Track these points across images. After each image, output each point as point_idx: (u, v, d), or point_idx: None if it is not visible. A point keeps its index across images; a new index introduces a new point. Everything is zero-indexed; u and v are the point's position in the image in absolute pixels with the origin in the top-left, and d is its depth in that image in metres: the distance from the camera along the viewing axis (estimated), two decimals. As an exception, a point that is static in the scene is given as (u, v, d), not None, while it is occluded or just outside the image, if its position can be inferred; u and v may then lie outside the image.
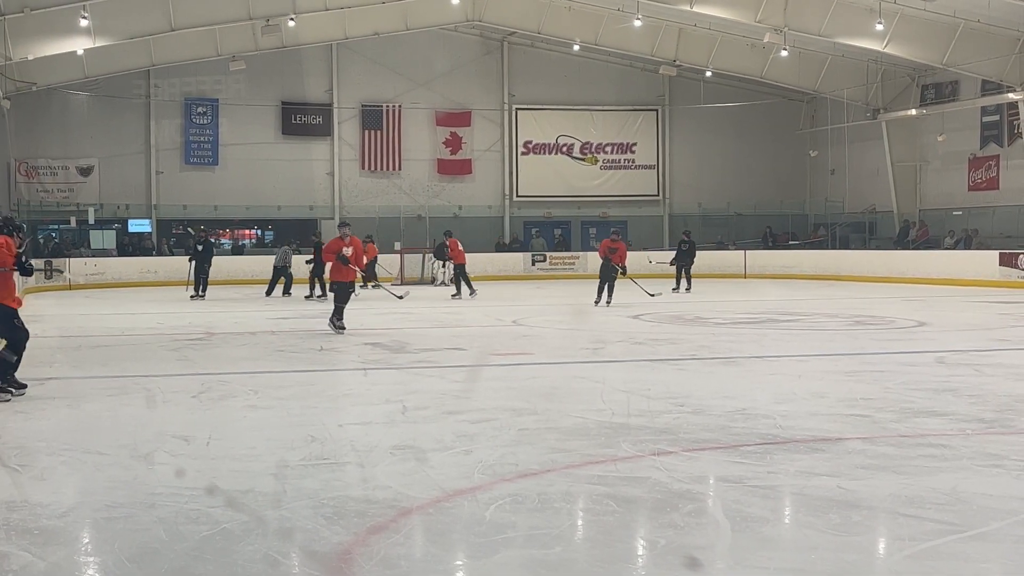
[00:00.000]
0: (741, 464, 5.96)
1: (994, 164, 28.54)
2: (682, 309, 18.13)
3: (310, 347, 12.91)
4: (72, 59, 27.10)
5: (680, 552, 4.41)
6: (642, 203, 34.80)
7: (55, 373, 10.49)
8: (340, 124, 32.78)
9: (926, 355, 11.51)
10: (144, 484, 5.65)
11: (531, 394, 8.55)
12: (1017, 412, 7.71)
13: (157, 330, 15.05)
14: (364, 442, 6.69)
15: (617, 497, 5.24)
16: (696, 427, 7.04)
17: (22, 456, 6.40)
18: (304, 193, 32.57)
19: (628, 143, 34.79)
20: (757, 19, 26.24)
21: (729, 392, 8.65)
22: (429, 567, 4.34)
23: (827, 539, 4.56)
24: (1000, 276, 24.40)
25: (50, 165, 30.67)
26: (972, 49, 25.81)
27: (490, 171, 34.13)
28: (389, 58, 32.57)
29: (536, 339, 13.79)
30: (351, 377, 10.18)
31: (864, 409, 7.73)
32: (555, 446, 6.47)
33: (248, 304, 20.69)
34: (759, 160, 34.82)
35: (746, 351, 12.08)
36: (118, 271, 28.49)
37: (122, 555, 4.41)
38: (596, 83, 34.11)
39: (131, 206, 31.30)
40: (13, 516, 5.00)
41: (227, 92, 31.56)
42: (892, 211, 31.43)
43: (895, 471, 5.75)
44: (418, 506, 5.11)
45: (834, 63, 30.60)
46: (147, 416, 7.90)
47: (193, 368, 11.01)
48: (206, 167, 31.94)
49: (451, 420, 7.42)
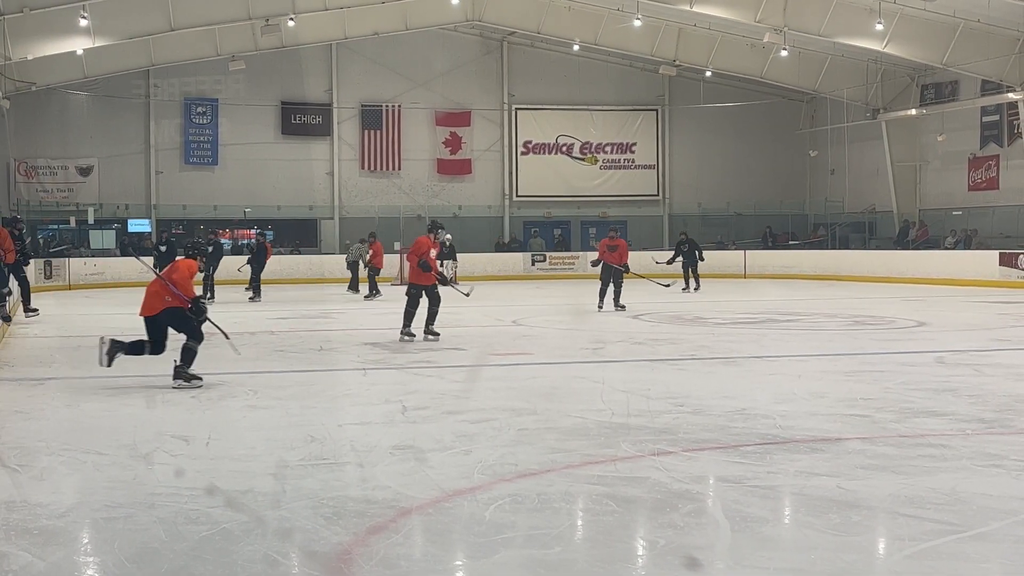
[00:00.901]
0: (741, 464, 5.95)
1: (994, 164, 28.54)
2: (682, 309, 18.11)
3: (310, 347, 12.91)
4: (72, 59, 27.10)
5: (680, 552, 4.41)
6: (642, 203, 34.79)
7: (55, 373, 10.50)
8: (340, 124, 32.77)
9: (926, 355, 11.51)
10: (144, 484, 5.64)
11: (531, 394, 8.55)
12: (1017, 412, 7.70)
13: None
14: (363, 442, 6.69)
15: (617, 497, 5.24)
16: (696, 427, 7.04)
17: (22, 456, 6.40)
18: (304, 193, 32.56)
19: (628, 143, 34.78)
20: (757, 19, 26.24)
21: (729, 392, 8.65)
22: (429, 567, 4.34)
23: (827, 539, 4.56)
24: (1000, 276, 24.40)
25: (50, 165, 30.66)
26: (972, 49, 25.80)
27: (490, 171, 34.13)
28: (389, 58, 32.57)
29: (536, 339, 13.78)
30: (350, 377, 10.17)
31: (864, 409, 7.73)
32: (555, 446, 6.46)
33: (248, 304, 20.68)
34: (759, 160, 34.81)
35: (746, 351, 12.07)
36: (118, 271, 28.46)
37: (122, 555, 4.41)
38: (596, 83, 34.11)
39: (131, 206, 31.30)
40: (13, 516, 5.00)
41: (227, 92, 31.55)
42: (892, 211, 31.42)
43: (895, 471, 5.75)
44: (418, 506, 5.11)
45: (834, 63, 30.59)
46: (147, 416, 7.90)
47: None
48: (206, 167, 31.94)
49: (451, 420, 7.42)
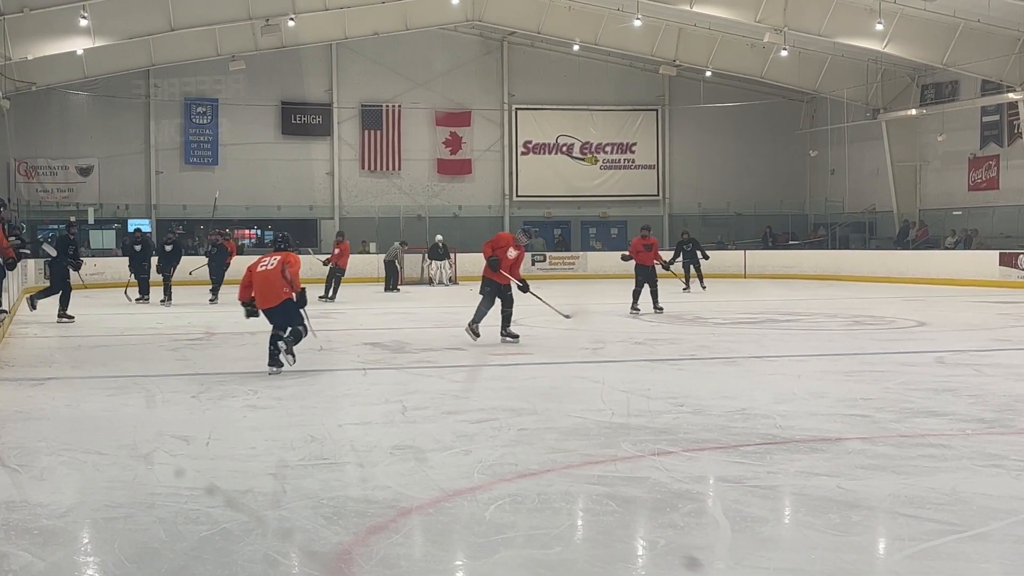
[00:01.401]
0: (741, 464, 5.95)
1: (994, 164, 28.55)
2: (682, 309, 18.09)
3: (310, 347, 12.88)
4: (72, 59, 27.11)
5: (680, 552, 4.41)
6: (642, 203, 34.78)
7: (55, 373, 10.50)
8: (340, 124, 32.78)
9: (926, 355, 11.50)
10: (144, 484, 5.64)
11: (531, 394, 8.54)
12: (1017, 412, 7.70)
13: (157, 330, 15.04)
14: (364, 442, 6.69)
15: (617, 497, 5.23)
16: (696, 427, 7.03)
17: (22, 456, 6.40)
18: (304, 193, 32.57)
19: (628, 143, 34.79)
20: (757, 19, 26.26)
21: (729, 392, 8.64)
22: (429, 567, 4.33)
23: (827, 539, 4.55)
24: (1000, 276, 24.41)
25: (50, 165, 30.67)
26: (972, 49, 25.82)
27: (490, 171, 34.13)
28: (389, 58, 32.58)
29: (536, 339, 13.77)
30: (350, 377, 10.17)
31: (864, 409, 7.73)
32: (555, 446, 6.46)
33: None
34: (759, 160, 34.82)
35: (746, 351, 12.07)
36: (118, 271, 28.43)
37: (122, 555, 4.40)
38: (596, 83, 34.12)
39: (131, 206, 31.29)
40: (13, 516, 4.99)
41: (227, 92, 31.56)
42: (892, 211, 31.43)
43: (895, 471, 5.75)
44: (418, 506, 5.11)
45: (834, 63, 30.60)
46: (147, 416, 7.89)
47: (192, 368, 11.01)
48: (206, 167, 31.94)
49: (451, 420, 7.41)
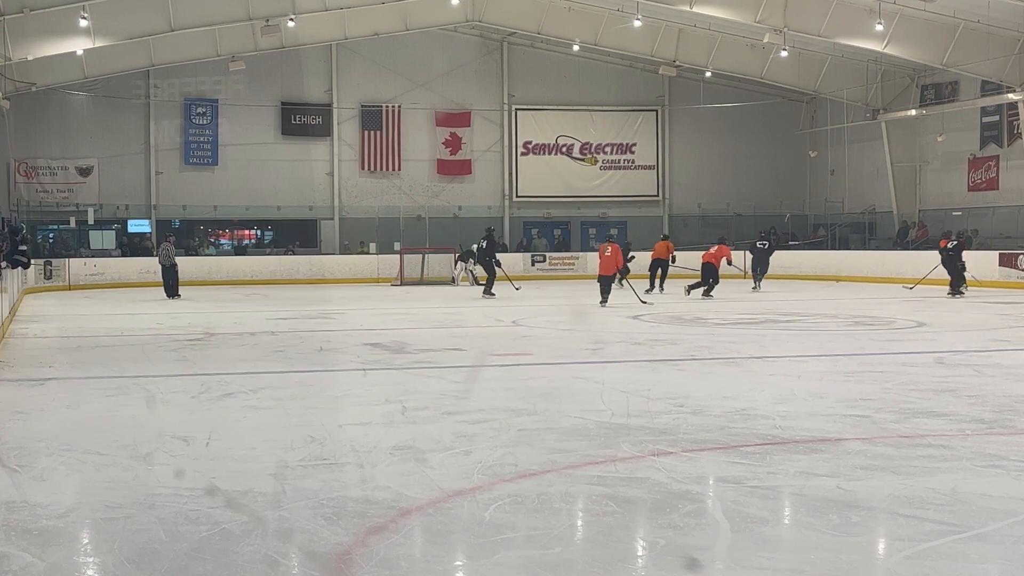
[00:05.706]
0: (740, 464, 5.95)
1: (994, 164, 28.55)
2: (682, 309, 18.11)
3: (309, 347, 12.91)
4: (71, 59, 27.10)
5: (679, 552, 4.41)
6: (642, 203, 34.80)
7: (55, 373, 10.50)
8: (340, 124, 32.78)
9: (925, 355, 11.50)
10: (143, 484, 5.64)
11: (531, 394, 8.55)
12: (1016, 412, 7.70)
13: (157, 330, 15.05)
14: (363, 442, 6.69)
15: (616, 497, 5.24)
16: (695, 427, 7.03)
17: (22, 456, 6.40)
18: (304, 193, 32.57)
19: (628, 143, 34.78)
20: (757, 19, 26.24)
21: (728, 392, 8.64)
22: (428, 567, 4.34)
23: (826, 539, 4.56)
24: (1000, 276, 24.41)
25: (49, 165, 30.66)
26: (972, 49, 25.81)
27: (490, 171, 34.13)
28: (389, 58, 32.57)
29: (536, 339, 13.78)
30: (350, 377, 10.16)
31: (863, 409, 7.73)
32: (554, 446, 6.46)
33: (248, 304, 20.70)
34: (759, 160, 34.83)
35: (745, 351, 12.07)
36: (118, 271, 28.48)
37: (121, 555, 4.41)
38: (596, 83, 34.12)
39: (131, 206, 31.31)
40: (13, 516, 5.00)
41: (227, 92, 31.56)
42: (892, 211, 31.44)
43: (894, 471, 5.75)
44: (417, 507, 5.11)
45: (834, 63, 30.60)
46: (146, 416, 7.89)
47: (192, 368, 11.00)
48: (206, 167, 31.94)
49: (451, 420, 7.41)
